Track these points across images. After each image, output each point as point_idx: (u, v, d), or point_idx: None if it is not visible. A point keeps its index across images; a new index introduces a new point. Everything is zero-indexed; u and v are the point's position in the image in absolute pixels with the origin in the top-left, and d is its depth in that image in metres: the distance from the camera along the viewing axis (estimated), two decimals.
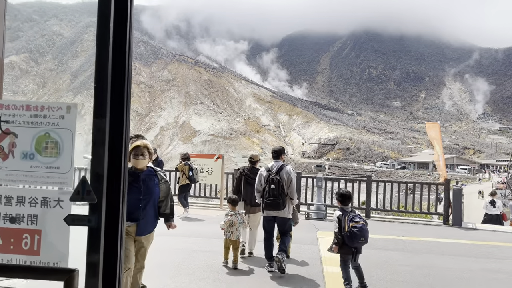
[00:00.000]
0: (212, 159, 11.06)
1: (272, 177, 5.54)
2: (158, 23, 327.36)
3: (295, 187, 5.64)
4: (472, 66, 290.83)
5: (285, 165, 5.74)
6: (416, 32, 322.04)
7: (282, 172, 5.60)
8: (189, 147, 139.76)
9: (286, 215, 5.58)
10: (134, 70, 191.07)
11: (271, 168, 5.73)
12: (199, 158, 11.09)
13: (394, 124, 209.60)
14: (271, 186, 5.49)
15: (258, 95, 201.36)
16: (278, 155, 5.90)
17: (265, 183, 5.59)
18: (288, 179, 5.58)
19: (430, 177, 78.28)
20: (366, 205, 9.81)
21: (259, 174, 5.83)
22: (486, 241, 7.55)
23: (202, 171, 10.80)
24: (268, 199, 5.49)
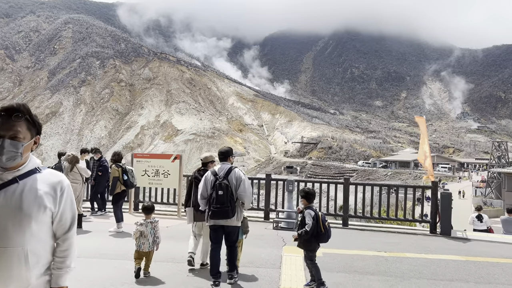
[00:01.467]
0: (168, 159, 9.53)
1: (220, 182, 4.94)
2: (138, 20, 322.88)
3: (247, 189, 5.06)
4: (451, 66, 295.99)
5: (233, 167, 5.15)
6: (397, 32, 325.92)
7: (231, 176, 5.03)
8: (171, 146, 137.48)
9: (235, 223, 5.05)
10: (114, 68, 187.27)
11: (218, 171, 5.10)
12: (153, 159, 9.59)
13: (376, 123, 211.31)
14: (218, 192, 4.90)
15: (241, 94, 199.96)
16: (225, 156, 5.27)
17: (212, 188, 4.99)
18: (238, 182, 5.02)
19: (411, 176, 78.35)
20: (344, 212, 8.57)
21: (204, 178, 5.20)
22: (483, 256, 6.45)
23: (157, 173, 9.37)
24: (215, 206, 4.90)
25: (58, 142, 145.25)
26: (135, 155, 9.73)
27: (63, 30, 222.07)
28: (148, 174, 9.41)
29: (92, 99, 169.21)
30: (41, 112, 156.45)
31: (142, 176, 9.43)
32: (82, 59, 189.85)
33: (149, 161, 9.41)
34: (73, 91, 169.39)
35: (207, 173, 5.29)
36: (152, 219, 5.34)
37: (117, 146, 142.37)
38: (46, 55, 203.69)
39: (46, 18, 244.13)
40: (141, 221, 5.25)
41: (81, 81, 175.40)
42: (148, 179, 9.48)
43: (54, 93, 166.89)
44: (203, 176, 5.29)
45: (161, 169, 9.39)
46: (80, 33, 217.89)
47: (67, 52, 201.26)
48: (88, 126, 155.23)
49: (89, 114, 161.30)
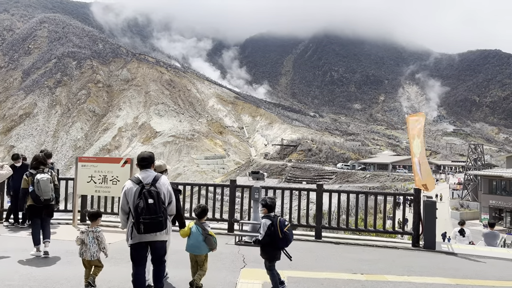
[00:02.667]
0: (117, 164, 8.27)
1: (149, 189, 4.31)
2: (115, 19, 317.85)
3: (174, 201, 4.64)
4: (428, 70, 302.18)
5: (159, 175, 4.60)
6: (375, 36, 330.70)
7: (159, 184, 4.47)
8: (149, 148, 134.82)
9: (164, 237, 4.54)
10: (91, 68, 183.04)
11: (142, 179, 4.46)
12: (100, 163, 8.33)
13: (355, 126, 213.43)
14: (148, 200, 4.24)
15: (221, 96, 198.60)
16: (149, 163, 4.61)
17: (138, 198, 4.29)
18: (168, 192, 4.52)
19: (389, 178, 78.81)
20: (317, 222, 7.60)
21: (124, 190, 4.46)
22: (474, 277, 5.57)
23: (104, 180, 8.19)
24: (146, 218, 4.19)
25: (32, 144, 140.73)
26: (80, 158, 8.50)
27: (38, 29, 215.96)
28: (95, 181, 8.23)
29: (68, 100, 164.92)
30: (14, 113, 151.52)
31: (88, 183, 8.27)
32: (58, 59, 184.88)
33: (95, 166, 8.20)
34: (48, 91, 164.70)
35: (126, 183, 4.57)
36: (94, 228, 4.98)
37: (94, 148, 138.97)
38: (20, 55, 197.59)
39: (21, 17, 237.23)
40: (84, 228, 4.97)
41: (56, 81, 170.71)
42: (94, 186, 8.28)
43: (28, 94, 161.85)
44: (123, 188, 4.56)
45: (109, 175, 8.18)
46: (56, 33, 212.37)
47: (42, 52, 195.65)
48: (63, 127, 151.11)
49: (65, 116, 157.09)
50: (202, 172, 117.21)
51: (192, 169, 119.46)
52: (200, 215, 5.13)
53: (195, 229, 4.99)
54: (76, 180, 8.41)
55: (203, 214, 5.16)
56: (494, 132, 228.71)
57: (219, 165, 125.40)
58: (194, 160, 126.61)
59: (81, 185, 8.33)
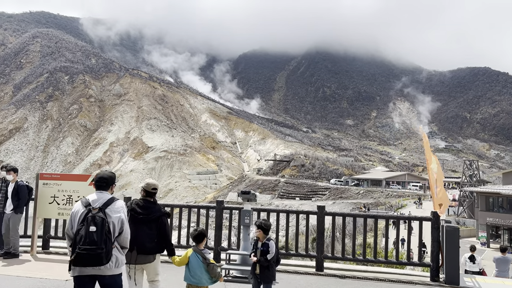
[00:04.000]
0: (85, 182, 7.07)
1: (94, 215, 3.74)
2: (107, 34, 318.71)
3: (129, 232, 3.98)
4: (419, 87, 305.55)
5: (114, 199, 4.00)
6: (366, 53, 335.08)
7: (110, 209, 3.87)
8: (141, 163, 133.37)
9: (113, 271, 3.83)
10: (83, 83, 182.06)
11: (92, 202, 3.91)
12: (65, 181, 7.08)
13: (348, 142, 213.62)
14: (89, 227, 3.66)
15: (214, 111, 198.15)
16: (107, 184, 4.11)
17: (81, 223, 3.75)
18: (119, 221, 3.87)
19: (383, 194, 77.98)
20: (318, 251, 6.50)
21: (71, 213, 3.96)
22: None
23: (69, 201, 7.01)
24: (82, 248, 3.60)
25: (22, 159, 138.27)
26: (41, 175, 7.26)
27: (30, 44, 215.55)
28: (58, 202, 7.04)
29: (60, 114, 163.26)
30: (4, 127, 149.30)
31: (50, 204, 7.05)
32: (50, 73, 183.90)
33: (59, 184, 7.02)
34: (39, 106, 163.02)
35: (75, 204, 4.01)
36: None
37: (84, 163, 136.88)
38: (12, 69, 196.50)
39: (14, 32, 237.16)
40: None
41: (48, 96, 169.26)
42: (57, 208, 7.06)
43: (19, 108, 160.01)
44: (73, 208, 3.97)
45: (75, 194, 7.01)
46: (48, 48, 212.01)
47: (34, 67, 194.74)
48: (54, 142, 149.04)
49: (56, 130, 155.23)
50: (194, 188, 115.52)
51: (184, 185, 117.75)
52: (198, 240, 4.45)
53: (194, 257, 4.28)
54: (36, 201, 7.20)
55: (202, 239, 4.46)
56: (485, 148, 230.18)
57: (211, 180, 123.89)
58: (186, 175, 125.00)
59: (42, 206, 7.11)
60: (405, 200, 62.51)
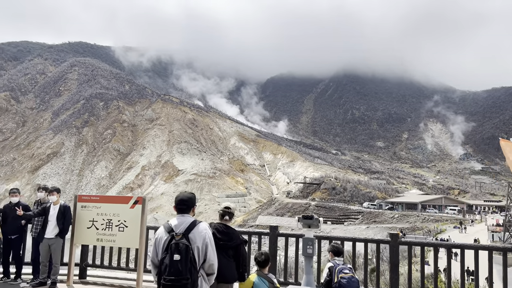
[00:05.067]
0: (126, 204, 6.48)
1: (177, 242, 3.56)
2: (139, 60, 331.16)
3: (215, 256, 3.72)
4: (452, 107, 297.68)
5: (197, 222, 3.80)
6: (395, 74, 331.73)
7: (194, 234, 3.67)
8: (171, 186, 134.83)
9: None
10: (117, 109, 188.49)
11: (175, 227, 3.71)
12: (104, 203, 6.60)
13: (379, 164, 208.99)
14: (173, 256, 3.50)
15: (243, 134, 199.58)
16: (187, 207, 3.86)
17: (164, 251, 3.59)
18: (204, 244, 3.68)
19: (419, 218, 74.99)
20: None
21: (155, 239, 3.79)
22: None
23: (109, 225, 6.53)
24: (168, 279, 3.45)
25: (58, 182, 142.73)
26: (80, 197, 6.80)
27: (69, 72, 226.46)
28: (97, 226, 6.57)
29: (94, 139, 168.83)
30: (43, 152, 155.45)
31: (88, 229, 6.62)
32: (86, 100, 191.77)
33: (98, 207, 6.52)
34: (76, 131, 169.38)
35: (158, 230, 3.78)
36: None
37: (117, 186, 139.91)
38: (51, 97, 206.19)
39: (53, 61, 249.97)
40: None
41: (84, 121, 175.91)
42: (96, 234, 6.56)
43: (57, 134, 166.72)
44: (155, 234, 3.77)
45: (115, 218, 6.43)
46: (85, 75, 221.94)
47: (71, 94, 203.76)
48: (88, 166, 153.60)
49: (90, 155, 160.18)
50: None
51: (214, 208, 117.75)
52: (263, 264, 4.27)
53: (259, 282, 4.07)
54: (74, 225, 6.77)
55: (267, 263, 4.29)
56: None
57: (240, 203, 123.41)
58: (215, 198, 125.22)
59: (80, 231, 6.69)
60: (444, 225, 59.79)
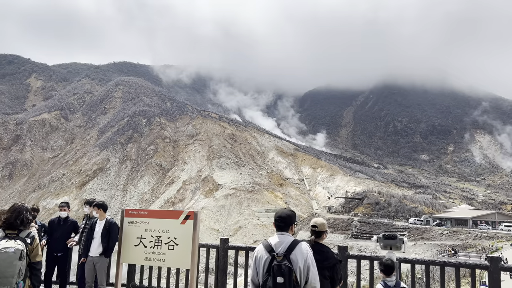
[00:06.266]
0: (176, 220, 5.85)
1: (279, 263, 3.36)
2: (179, 79, 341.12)
3: (317, 278, 3.47)
4: (500, 118, 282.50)
5: (297, 241, 3.56)
6: (438, 85, 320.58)
7: (295, 254, 3.45)
8: (211, 201, 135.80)
9: None
10: (159, 125, 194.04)
11: (275, 246, 3.53)
12: (153, 218, 5.98)
13: (424, 178, 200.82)
14: (276, 279, 3.31)
15: (281, 148, 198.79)
16: (286, 224, 3.67)
17: (266, 273, 3.41)
18: (305, 265, 3.44)
19: (470, 235, 70.55)
20: None
21: (254, 257, 3.63)
22: None
23: (158, 242, 5.92)
24: None
25: (103, 197, 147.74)
26: (127, 211, 6.23)
27: (114, 91, 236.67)
28: (145, 244, 5.97)
29: (138, 155, 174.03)
30: (89, 168, 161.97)
31: (135, 246, 6.03)
32: (130, 117, 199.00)
33: (146, 222, 5.94)
34: (120, 148, 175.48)
35: (257, 248, 3.64)
36: None
37: (159, 201, 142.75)
38: (97, 115, 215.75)
39: (99, 81, 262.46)
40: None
41: (128, 138, 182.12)
42: (144, 252, 5.94)
43: (102, 150, 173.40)
44: (254, 253, 3.59)
45: (165, 235, 5.82)
46: (129, 94, 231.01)
47: (116, 112, 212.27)
48: (132, 181, 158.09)
49: (134, 170, 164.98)
50: (263, 226, 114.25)
51: (253, 222, 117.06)
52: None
53: None
54: (121, 243, 6.17)
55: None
56: None
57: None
58: (255, 213, 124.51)
59: (127, 249, 6.10)
60: (499, 242, 55.76)
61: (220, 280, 5.74)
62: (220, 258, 5.95)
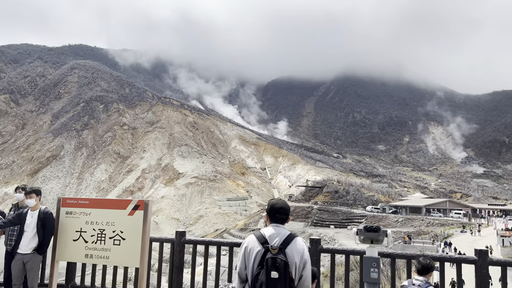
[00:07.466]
0: (123, 210, 4.91)
1: (274, 257, 3.04)
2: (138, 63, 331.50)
3: (310, 277, 3.16)
4: (453, 111, 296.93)
5: (294, 235, 3.23)
6: (396, 78, 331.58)
7: (291, 249, 3.13)
8: (172, 190, 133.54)
9: None
10: (117, 111, 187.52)
11: (269, 238, 3.16)
12: (96, 209, 4.97)
13: (380, 167, 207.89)
14: (270, 273, 2.99)
15: (243, 137, 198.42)
16: (287, 216, 3.28)
17: (258, 266, 3.07)
18: (302, 261, 3.14)
19: (424, 222, 73.63)
20: None
21: (244, 248, 3.22)
22: None
23: (101, 237, 4.92)
24: None
25: (57, 185, 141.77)
26: (64, 200, 5.19)
27: (69, 75, 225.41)
28: (85, 238, 5.00)
29: (94, 142, 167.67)
30: (42, 155, 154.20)
31: (74, 241, 5.05)
32: (86, 103, 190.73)
33: (87, 213, 5.00)
34: (76, 134, 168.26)
35: (248, 239, 3.21)
36: None
37: (117, 189, 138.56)
38: (51, 99, 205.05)
39: (53, 64, 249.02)
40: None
41: (84, 124, 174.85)
42: (85, 248, 5.00)
43: (56, 137, 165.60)
44: (243, 244, 3.20)
45: (109, 228, 4.89)
46: (85, 78, 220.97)
47: (71, 96, 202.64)
48: (88, 169, 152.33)
49: (90, 158, 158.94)
50: (224, 214, 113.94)
51: (214, 211, 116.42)
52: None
53: None
54: (57, 237, 5.20)
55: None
56: None
57: (241, 207, 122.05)
58: (216, 201, 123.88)
59: (64, 245, 5.12)
60: (450, 229, 58.43)
61: (175, 279, 4.93)
62: (176, 254, 5.10)
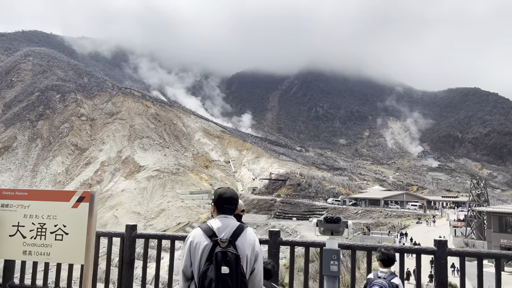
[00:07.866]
0: (67, 202, 4.33)
1: (224, 250, 2.82)
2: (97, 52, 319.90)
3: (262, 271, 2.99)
4: (411, 107, 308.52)
5: (243, 226, 3.03)
6: (353, 73, 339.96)
7: (241, 241, 2.93)
8: (132, 183, 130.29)
9: None
10: (75, 101, 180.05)
11: (217, 231, 2.95)
12: (35, 201, 4.38)
13: (341, 161, 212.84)
14: (220, 269, 2.75)
15: (207, 130, 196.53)
16: (236, 206, 3.08)
17: (207, 261, 2.84)
18: (253, 255, 2.95)
19: (382, 214, 76.16)
20: None
21: (189, 243, 2.96)
22: None
23: (40, 232, 4.34)
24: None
25: (10, 178, 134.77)
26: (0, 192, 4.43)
27: (22, 62, 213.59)
28: (23, 233, 4.40)
29: (50, 133, 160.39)
30: None
31: (11, 237, 4.41)
32: (41, 92, 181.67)
33: (26, 206, 4.40)
34: (30, 125, 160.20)
35: (193, 233, 2.95)
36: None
37: (74, 183, 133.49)
38: (2, 88, 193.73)
39: (5, 50, 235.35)
40: None
41: (38, 115, 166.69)
42: (22, 244, 4.41)
43: (8, 127, 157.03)
44: (188, 238, 2.96)
45: (51, 222, 4.32)
46: (40, 66, 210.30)
47: (25, 85, 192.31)
48: (43, 162, 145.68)
49: (46, 149, 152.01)
50: (187, 208, 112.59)
51: (177, 205, 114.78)
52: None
53: None
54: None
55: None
56: (478, 167, 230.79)
57: (204, 200, 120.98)
58: (179, 195, 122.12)
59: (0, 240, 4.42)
60: (407, 220, 60.75)
61: (125, 275, 4.51)
62: (126, 249, 4.68)
